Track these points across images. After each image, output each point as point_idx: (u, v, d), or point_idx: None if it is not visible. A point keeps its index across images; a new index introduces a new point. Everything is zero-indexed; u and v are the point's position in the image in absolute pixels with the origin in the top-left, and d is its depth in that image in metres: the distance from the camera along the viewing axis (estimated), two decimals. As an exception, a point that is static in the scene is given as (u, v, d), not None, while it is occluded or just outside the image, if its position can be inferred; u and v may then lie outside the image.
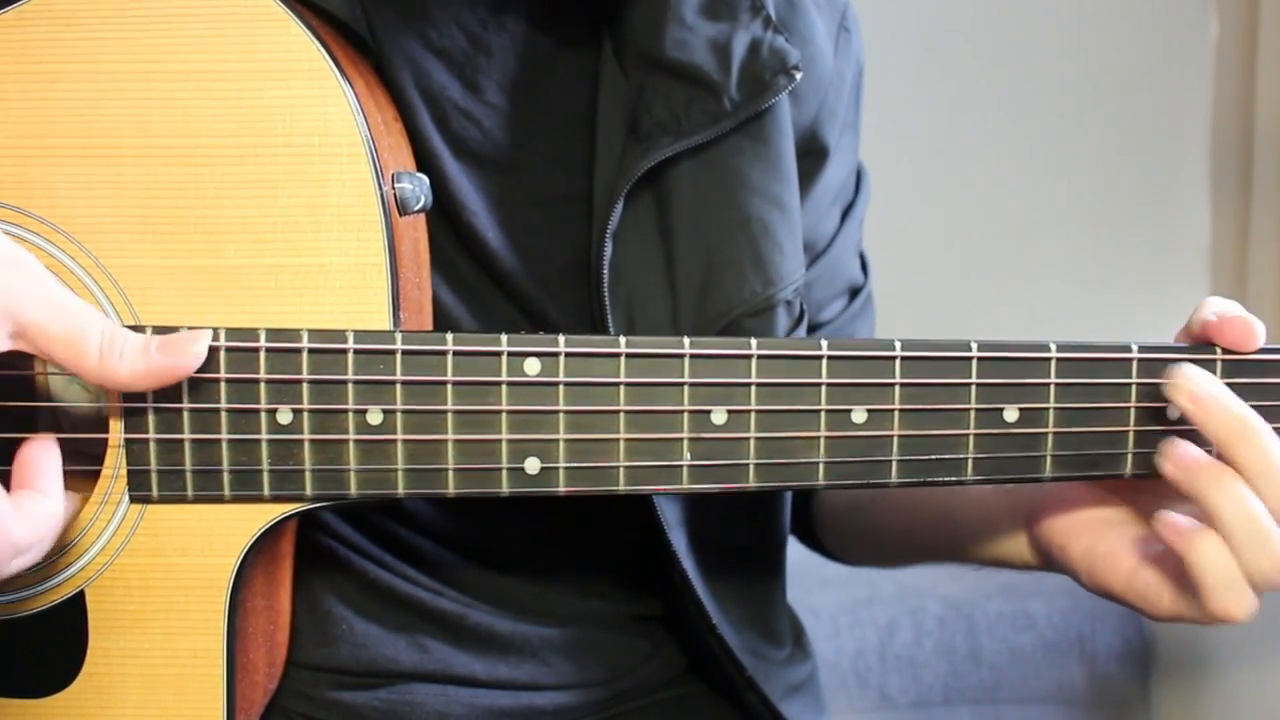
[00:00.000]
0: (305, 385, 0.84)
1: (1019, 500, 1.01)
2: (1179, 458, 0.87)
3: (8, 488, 0.81)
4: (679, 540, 1.03)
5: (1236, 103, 2.33)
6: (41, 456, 0.82)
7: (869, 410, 0.86)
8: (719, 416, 0.86)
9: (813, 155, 1.12)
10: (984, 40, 2.42)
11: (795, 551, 1.19)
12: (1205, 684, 2.12)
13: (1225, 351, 0.89)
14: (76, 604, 0.87)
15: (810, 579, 2.13)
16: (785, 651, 1.16)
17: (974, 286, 2.47)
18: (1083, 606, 2.18)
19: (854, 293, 1.23)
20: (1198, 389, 0.86)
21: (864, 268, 1.25)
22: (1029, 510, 1.01)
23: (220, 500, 0.86)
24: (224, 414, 0.84)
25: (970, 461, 0.88)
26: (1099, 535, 0.95)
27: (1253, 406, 0.88)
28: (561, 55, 1.02)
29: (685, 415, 0.86)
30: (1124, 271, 2.44)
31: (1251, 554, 0.84)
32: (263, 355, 0.84)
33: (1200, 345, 0.90)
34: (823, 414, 0.86)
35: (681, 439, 0.86)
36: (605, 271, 0.98)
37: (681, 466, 0.86)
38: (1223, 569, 0.85)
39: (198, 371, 0.83)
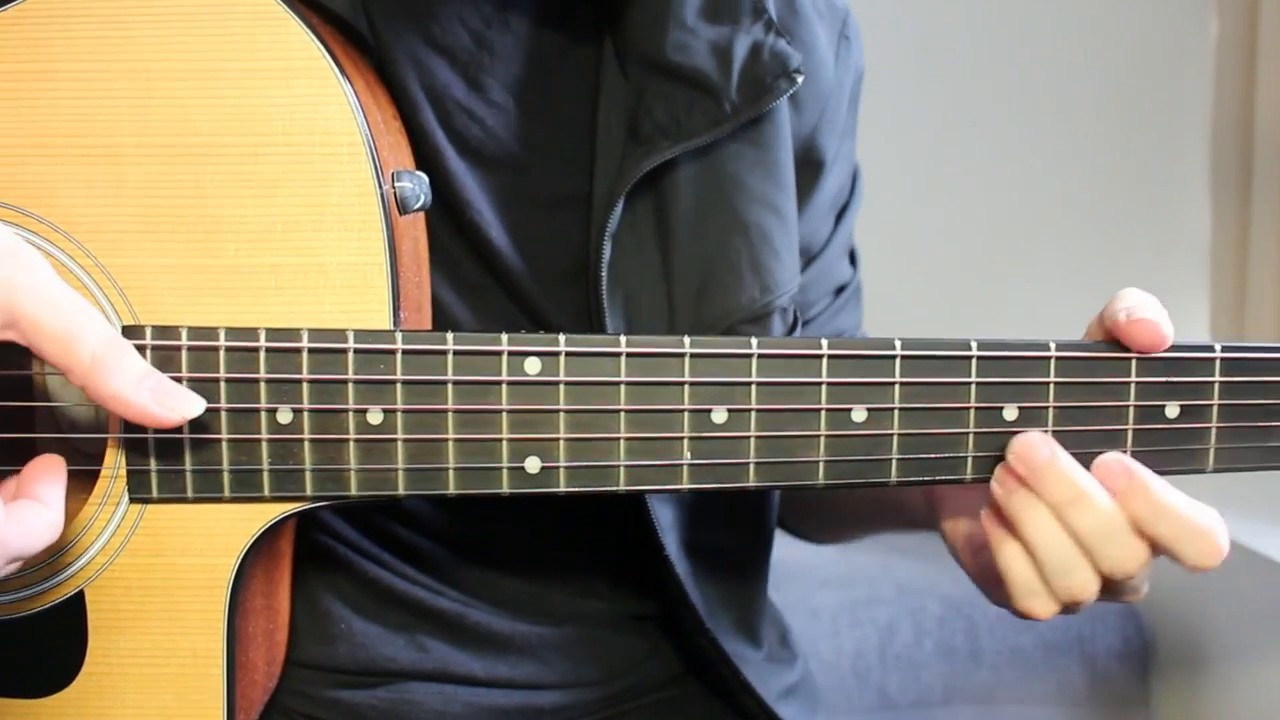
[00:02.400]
0: (305, 385, 0.84)
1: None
2: (1003, 478, 0.88)
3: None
4: (671, 543, 1.03)
5: (1236, 103, 2.34)
6: (47, 469, 0.82)
7: (869, 409, 0.87)
8: (719, 416, 0.86)
9: (811, 166, 1.11)
10: (984, 41, 2.43)
11: (796, 551, 1.20)
12: (1205, 684, 2.12)
13: (1225, 349, 0.89)
14: (76, 604, 0.87)
15: (810, 579, 2.14)
16: (762, 652, 1.16)
17: (974, 287, 2.48)
18: (1083, 606, 2.18)
19: (839, 290, 1.23)
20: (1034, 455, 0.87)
21: (853, 261, 1.25)
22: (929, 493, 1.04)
23: (220, 500, 0.86)
24: (224, 413, 0.84)
25: (970, 460, 0.88)
26: (969, 516, 0.98)
27: (1250, 405, 0.89)
28: (565, 55, 1.02)
29: (686, 414, 0.86)
30: (1124, 271, 2.44)
31: (1058, 579, 0.87)
32: (263, 354, 0.84)
33: (1200, 345, 0.90)
34: (823, 413, 0.86)
35: (682, 438, 0.86)
36: (603, 273, 0.98)
37: (682, 466, 0.86)
38: (1024, 577, 0.88)
39: (197, 370, 0.83)
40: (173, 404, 0.80)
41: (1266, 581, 1.92)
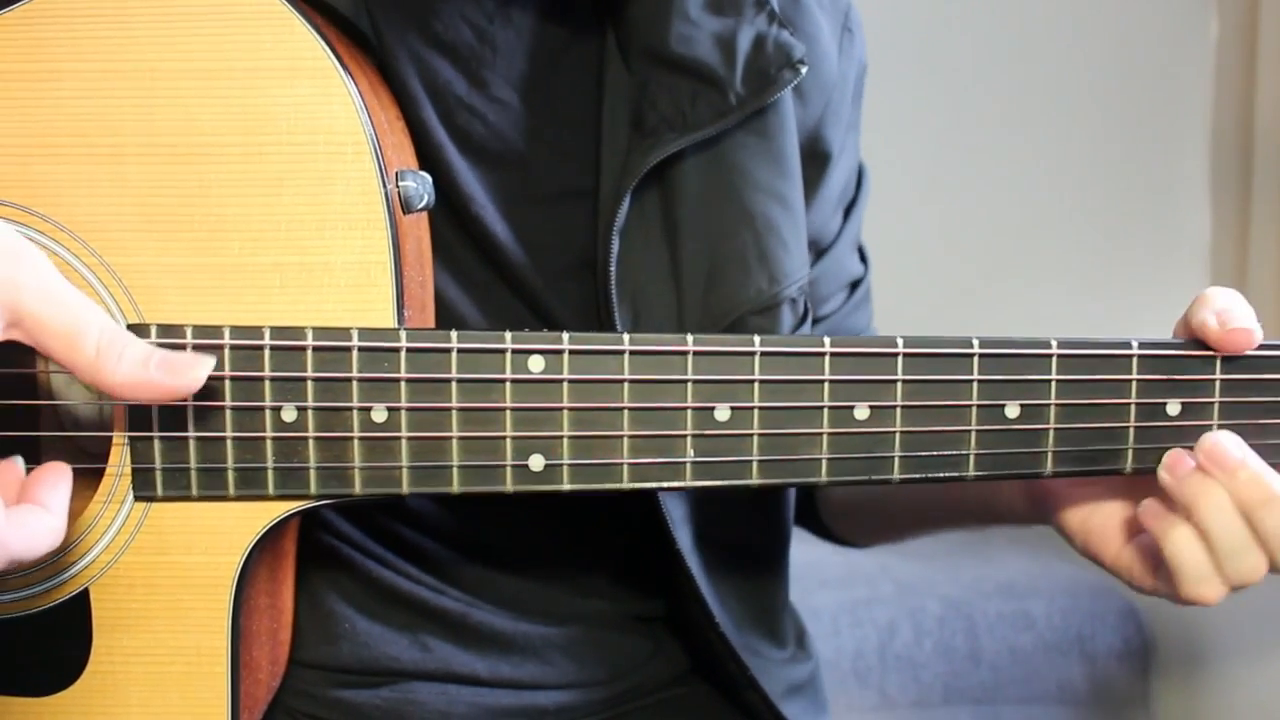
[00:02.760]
0: (310, 383, 0.84)
1: None
2: (1172, 465, 0.89)
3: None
4: (684, 538, 1.03)
5: (1236, 103, 2.34)
6: (53, 475, 0.82)
7: (871, 407, 0.87)
8: (722, 413, 0.86)
9: (817, 158, 1.11)
10: (984, 40, 2.43)
11: (796, 551, 1.19)
12: (1205, 684, 2.13)
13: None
14: (80, 602, 0.87)
15: (810, 579, 2.14)
16: (787, 652, 1.16)
17: (974, 287, 2.48)
18: (1083, 606, 2.18)
19: (853, 285, 1.23)
20: (1227, 457, 0.88)
21: (863, 259, 1.25)
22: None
23: (224, 498, 0.86)
24: (228, 412, 0.84)
25: (972, 458, 0.88)
26: (1094, 508, 0.98)
27: (1252, 403, 0.90)
28: (567, 50, 1.02)
29: (689, 412, 0.86)
30: (1124, 271, 2.45)
31: (1231, 562, 0.88)
32: (267, 353, 0.84)
33: (1198, 342, 0.90)
34: (825, 411, 0.86)
35: (685, 436, 0.86)
36: (612, 268, 0.98)
37: (685, 463, 0.86)
38: (1196, 561, 0.88)
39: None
40: (183, 372, 0.80)
41: (1266, 581, 1.92)
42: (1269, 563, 0.89)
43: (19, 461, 0.83)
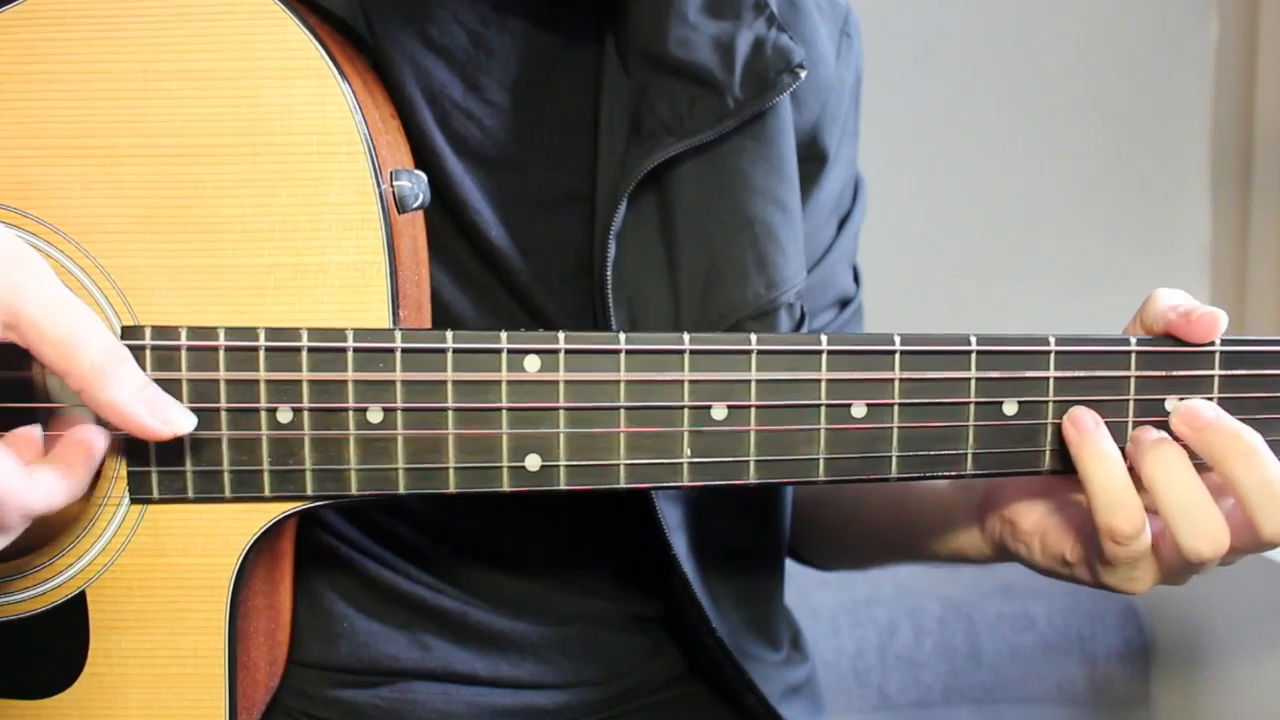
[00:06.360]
0: (305, 384, 0.84)
1: (974, 485, 1.02)
2: (1136, 437, 0.89)
3: None
4: (680, 543, 1.03)
5: (1236, 103, 2.34)
6: (80, 433, 0.82)
7: (869, 405, 0.86)
8: (719, 412, 0.86)
9: (813, 161, 1.11)
10: (983, 41, 2.42)
11: (795, 552, 1.19)
12: (1205, 684, 2.12)
13: (1224, 343, 0.89)
14: (78, 604, 0.87)
15: (810, 579, 2.13)
16: (782, 654, 1.16)
17: (974, 287, 2.48)
18: (1083, 606, 2.18)
19: (844, 304, 1.23)
20: (1198, 415, 0.87)
21: (856, 279, 1.25)
22: (984, 493, 1.01)
23: (221, 500, 0.86)
24: (224, 413, 0.84)
25: (970, 455, 0.88)
26: (1053, 507, 0.96)
27: (1249, 398, 0.89)
28: (564, 54, 1.02)
29: (685, 411, 0.86)
30: (1124, 271, 2.44)
31: (1183, 520, 0.86)
32: (262, 354, 0.84)
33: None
34: (822, 409, 0.86)
35: (682, 435, 0.86)
36: (608, 273, 0.98)
37: (682, 463, 0.86)
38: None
39: (197, 370, 0.83)
40: (167, 417, 0.80)
41: (1266, 581, 1.92)
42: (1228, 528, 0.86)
43: (36, 429, 0.83)
